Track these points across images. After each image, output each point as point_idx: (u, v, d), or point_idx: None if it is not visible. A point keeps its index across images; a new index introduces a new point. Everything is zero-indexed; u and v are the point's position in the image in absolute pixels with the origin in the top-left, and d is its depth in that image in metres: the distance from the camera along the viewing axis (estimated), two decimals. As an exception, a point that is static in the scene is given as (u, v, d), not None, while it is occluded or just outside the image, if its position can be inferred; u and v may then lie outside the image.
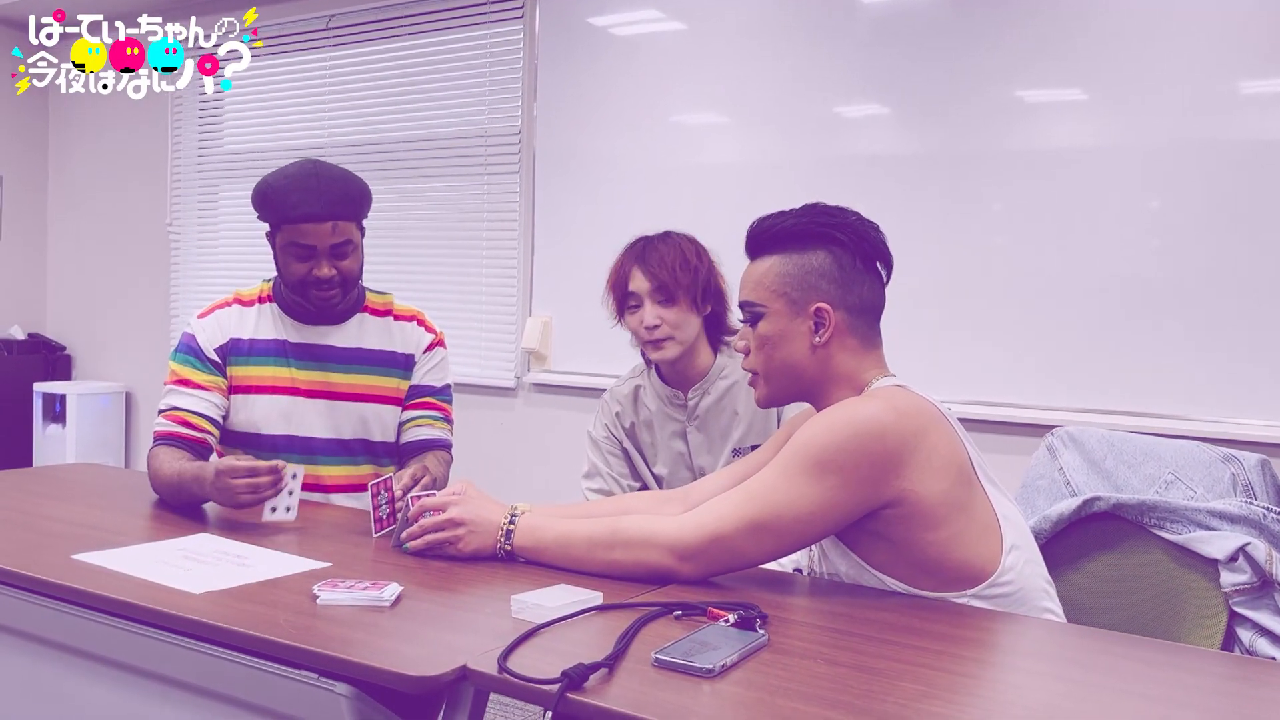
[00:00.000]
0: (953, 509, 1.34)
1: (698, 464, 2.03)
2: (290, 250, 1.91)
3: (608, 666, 1.07)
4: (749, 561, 1.40)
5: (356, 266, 1.96)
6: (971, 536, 1.35)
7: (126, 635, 1.32)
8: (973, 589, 1.35)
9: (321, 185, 1.87)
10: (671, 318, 1.95)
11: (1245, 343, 2.73)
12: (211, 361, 1.97)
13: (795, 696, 1.03)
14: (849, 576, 1.43)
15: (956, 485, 1.35)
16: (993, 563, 1.35)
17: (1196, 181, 2.78)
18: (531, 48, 3.86)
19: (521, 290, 3.93)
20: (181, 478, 1.79)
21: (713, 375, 2.02)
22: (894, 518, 1.34)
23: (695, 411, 2.02)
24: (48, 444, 4.99)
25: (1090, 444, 1.69)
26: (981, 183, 3.06)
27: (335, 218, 1.88)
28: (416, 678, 1.08)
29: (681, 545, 1.38)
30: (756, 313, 1.47)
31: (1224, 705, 1.14)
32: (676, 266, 1.95)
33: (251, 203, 1.95)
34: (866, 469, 1.32)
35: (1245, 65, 2.75)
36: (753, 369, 1.49)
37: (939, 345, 3.08)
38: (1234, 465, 1.53)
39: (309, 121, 4.47)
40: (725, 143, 3.55)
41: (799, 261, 1.44)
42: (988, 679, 1.18)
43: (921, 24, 3.13)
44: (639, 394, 2.09)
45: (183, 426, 1.93)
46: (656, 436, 2.06)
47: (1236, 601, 1.44)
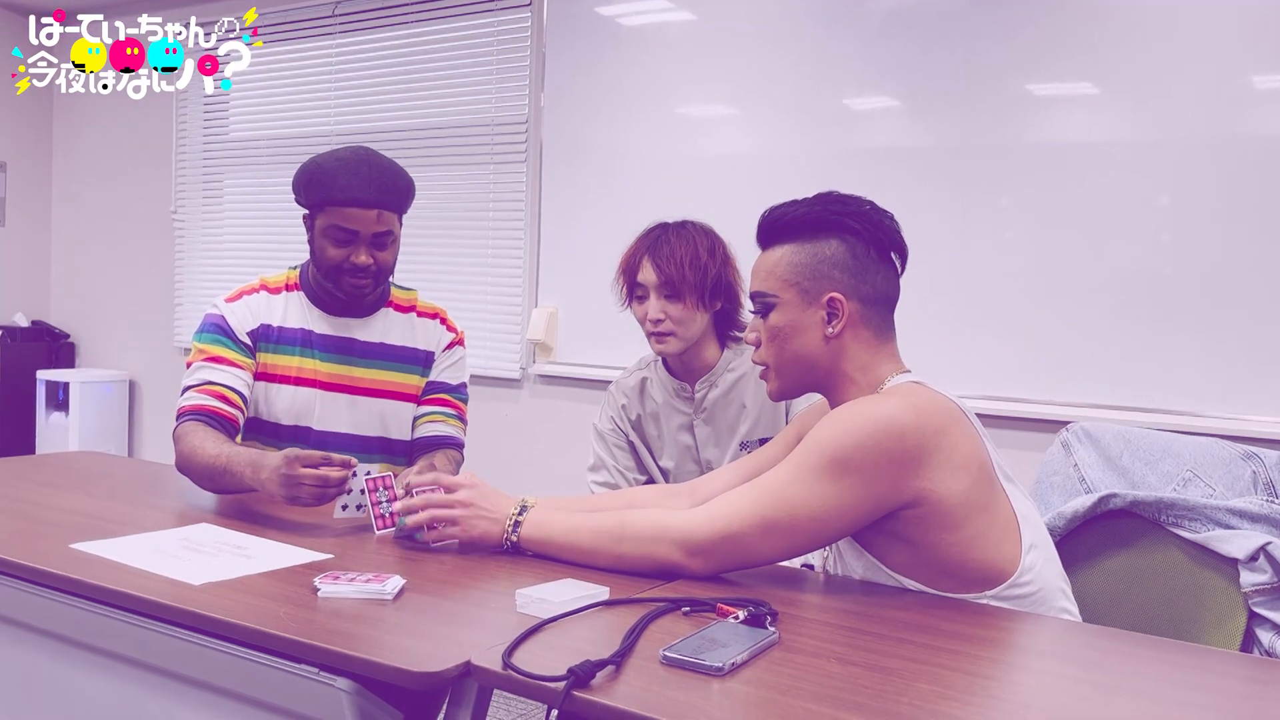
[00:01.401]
0: (973, 509, 1.31)
1: (704, 457, 2.01)
2: (330, 233, 1.87)
3: (614, 664, 1.04)
4: (760, 560, 1.37)
5: (392, 259, 1.94)
6: (992, 536, 1.32)
7: (125, 626, 1.30)
8: (993, 590, 1.32)
9: (372, 173, 1.85)
10: (676, 314, 1.92)
11: (1260, 338, 2.70)
12: (244, 344, 1.93)
13: (807, 696, 1.00)
14: (865, 578, 1.41)
15: (977, 484, 1.32)
16: (1013, 563, 1.32)
17: (1210, 176, 2.75)
18: (539, 37, 3.83)
19: (527, 281, 3.90)
20: (231, 461, 1.69)
21: (720, 368, 2.00)
22: (913, 519, 1.31)
23: (702, 404, 2.00)
24: (51, 432, 4.98)
25: (1106, 440, 1.65)
26: (992, 177, 3.03)
27: (381, 206, 1.85)
28: (419, 674, 1.05)
29: (692, 540, 1.36)
30: (768, 303, 1.43)
31: (1244, 708, 1.11)
32: (686, 264, 1.92)
33: (294, 183, 1.91)
34: (885, 469, 1.29)
35: (1259, 60, 2.71)
36: (764, 362, 1.46)
37: (949, 339, 3.05)
38: (1255, 463, 1.50)
39: (315, 109, 4.44)
40: (733, 134, 3.52)
41: (811, 250, 1.41)
42: (1004, 680, 1.16)
43: (932, 16, 3.10)
44: (645, 386, 2.07)
45: (219, 401, 1.86)
46: (663, 429, 2.04)
47: (1256, 602, 1.41)
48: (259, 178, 4.67)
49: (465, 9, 4.01)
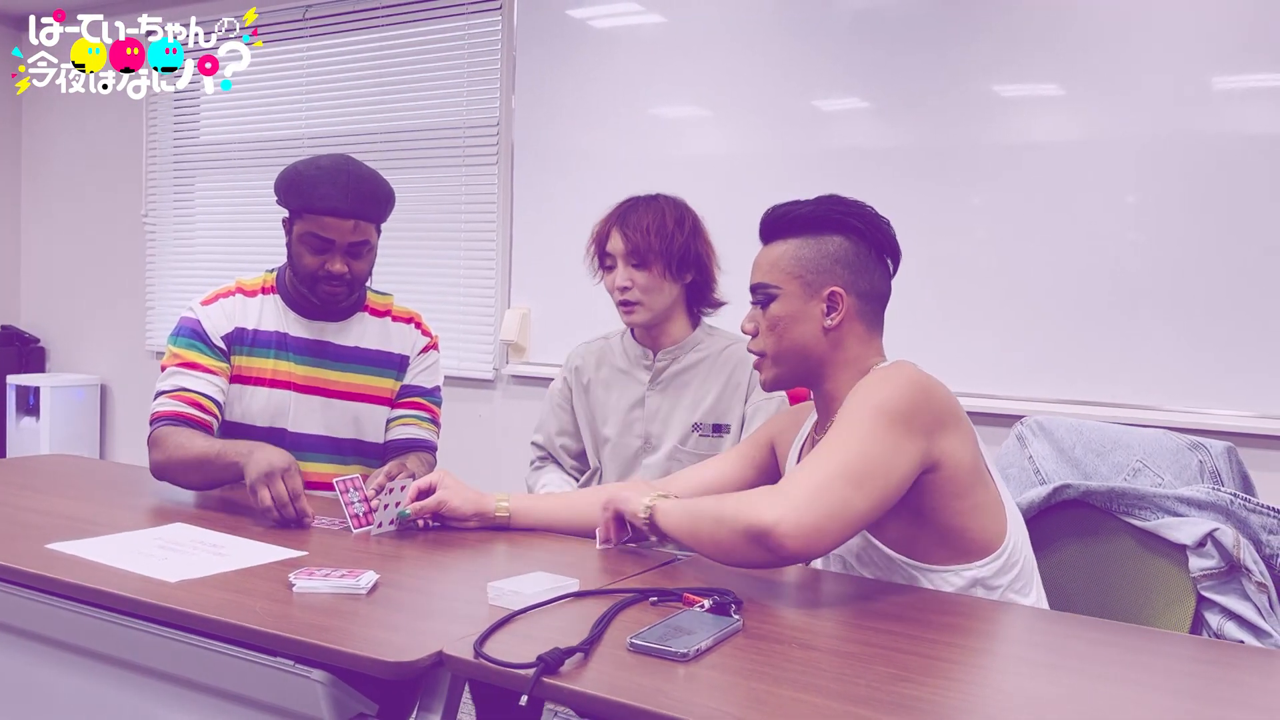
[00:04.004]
0: (976, 479, 1.38)
1: (650, 430, 2.01)
2: (307, 240, 1.89)
3: (583, 651, 1.07)
4: (858, 517, 1.29)
5: (367, 268, 1.96)
6: (988, 507, 1.39)
7: (100, 624, 1.31)
8: (982, 560, 1.37)
9: (351, 182, 1.87)
10: (643, 282, 1.94)
11: (1216, 334, 2.76)
12: (217, 348, 1.94)
13: (768, 680, 1.04)
14: (847, 561, 1.44)
15: (976, 456, 1.39)
16: (999, 537, 1.39)
17: (1172, 176, 2.81)
18: (510, 39, 3.85)
19: (500, 282, 3.92)
20: (226, 447, 1.75)
21: (687, 344, 2.01)
22: (929, 484, 1.35)
23: (660, 375, 2.01)
24: (21, 437, 4.94)
25: (1059, 433, 1.70)
26: (958, 176, 3.08)
27: (358, 216, 1.87)
28: (393, 664, 1.08)
29: (783, 516, 1.25)
30: (770, 294, 1.48)
31: (1194, 687, 1.15)
32: (653, 232, 1.94)
33: (275, 186, 1.93)
34: (926, 422, 1.34)
35: (1220, 60, 2.77)
36: (761, 350, 1.50)
37: (911, 335, 3.09)
38: (1201, 453, 1.55)
39: (286, 113, 4.44)
40: (705, 136, 3.55)
41: (815, 246, 1.46)
42: (961, 662, 1.19)
43: (900, 18, 3.15)
44: (606, 352, 2.09)
45: (192, 408, 1.89)
46: (613, 396, 2.05)
47: (1205, 586, 1.46)
48: (231, 181, 4.66)
49: (435, 12, 4.02)
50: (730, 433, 1.97)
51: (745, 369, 1.96)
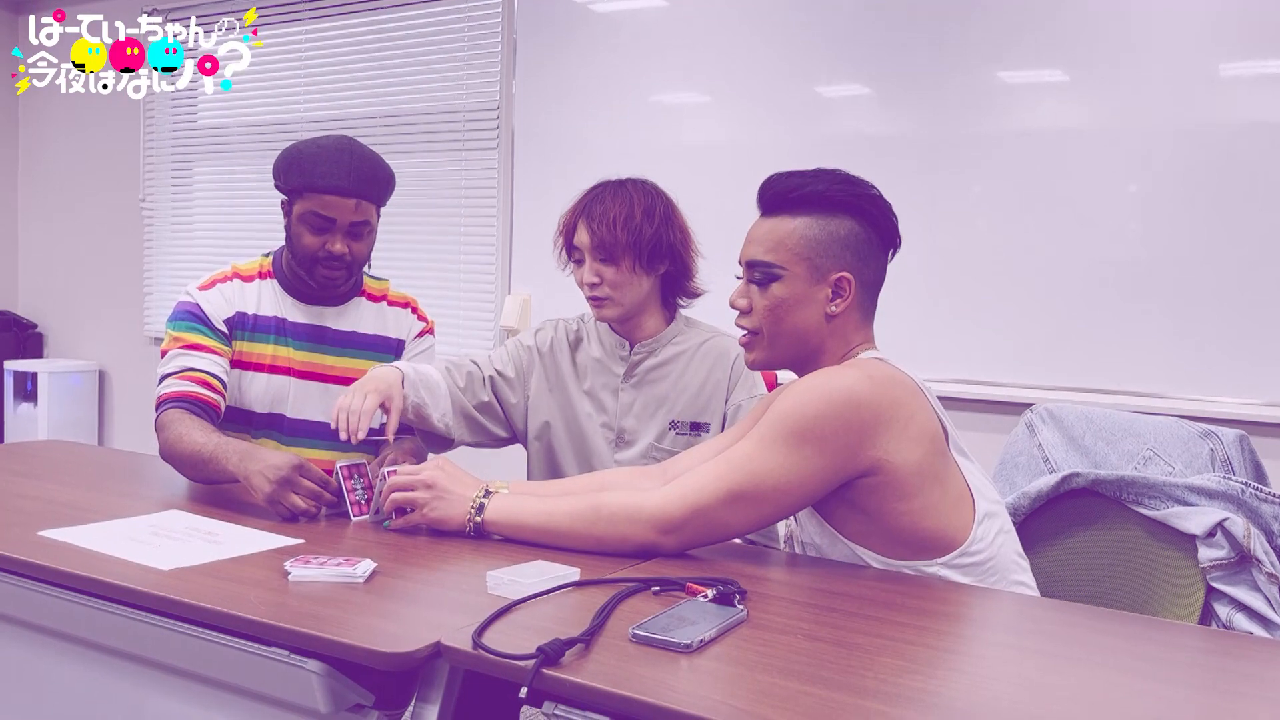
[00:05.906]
0: (926, 479, 1.34)
1: (621, 425, 1.89)
2: (308, 220, 1.86)
3: (584, 642, 1.05)
4: (730, 532, 1.39)
5: (367, 250, 1.93)
6: (944, 507, 1.35)
7: (93, 612, 1.29)
8: (943, 558, 1.35)
9: (354, 162, 1.84)
10: (611, 276, 1.82)
11: (1223, 322, 2.74)
12: (220, 331, 1.91)
13: (774, 671, 1.02)
14: (819, 547, 1.43)
15: (930, 456, 1.35)
16: (963, 532, 1.36)
17: (1176, 164, 2.79)
18: (510, 23, 3.82)
19: (500, 268, 3.90)
20: (219, 449, 1.68)
21: (663, 338, 1.90)
22: (868, 487, 1.34)
23: (634, 370, 1.90)
24: (19, 423, 4.92)
25: (1069, 420, 1.68)
26: (962, 163, 3.05)
27: (360, 196, 1.85)
28: (390, 654, 1.06)
29: (663, 518, 1.37)
30: (772, 274, 1.42)
31: (1202, 679, 1.13)
32: (619, 225, 1.81)
33: (274, 167, 1.90)
34: (843, 437, 1.31)
35: (1225, 48, 2.75)
36: (753, 328, 1.45)
37: (918, 324, 3.07)
38: (1212, 441, 1.53)
39: (285, 97, 4.41)
40: (706, 122, 3.52)
41: (824, 227, 1.41)
42: (967, 653, 1.18)
43: (904, 5, 3.11)
44: (582, 340, 1.96)
45: (200, 387, 1.84)
46: (584, 384, 1.92)
47: (1214, 576, 1.44)
48: (229, 166, 4.63)
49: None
50: (710, 431, 1.86)
51: (725, 365, 1.86)
